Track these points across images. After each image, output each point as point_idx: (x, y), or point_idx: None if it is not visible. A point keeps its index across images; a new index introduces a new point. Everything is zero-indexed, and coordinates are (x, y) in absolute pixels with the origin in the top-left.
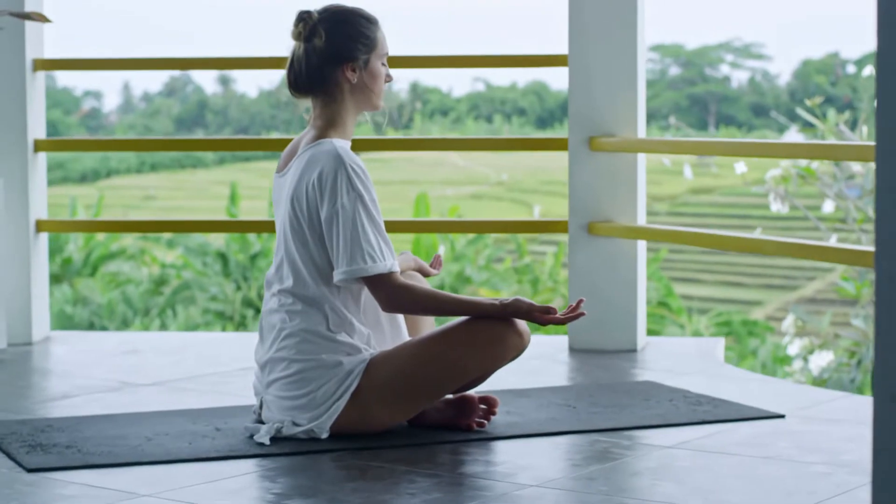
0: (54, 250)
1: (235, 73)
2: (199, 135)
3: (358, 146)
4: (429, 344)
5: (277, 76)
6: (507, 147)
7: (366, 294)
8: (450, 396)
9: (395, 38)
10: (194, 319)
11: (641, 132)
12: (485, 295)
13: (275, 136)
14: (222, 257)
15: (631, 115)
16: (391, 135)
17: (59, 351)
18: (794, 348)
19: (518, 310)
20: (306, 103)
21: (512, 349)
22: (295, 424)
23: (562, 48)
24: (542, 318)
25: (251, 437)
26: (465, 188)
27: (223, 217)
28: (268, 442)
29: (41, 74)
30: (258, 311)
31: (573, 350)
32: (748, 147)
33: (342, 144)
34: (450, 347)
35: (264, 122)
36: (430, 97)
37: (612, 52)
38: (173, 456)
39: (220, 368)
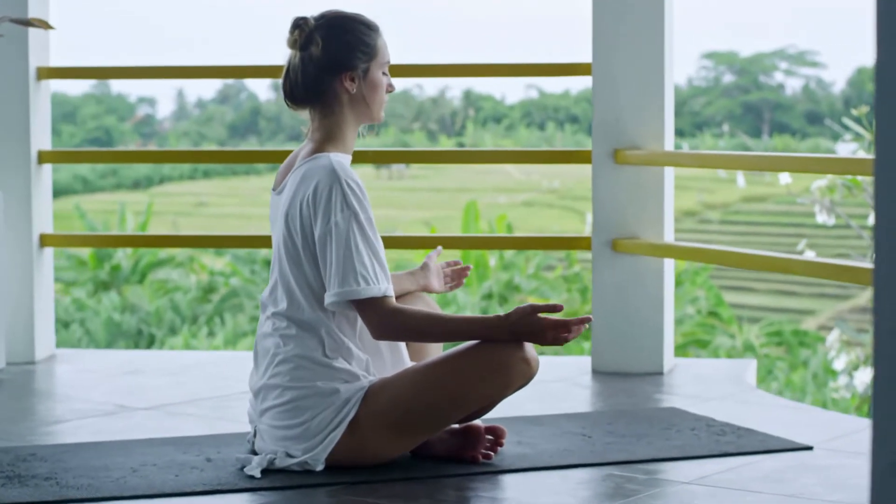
0: (103, 257)
1: None
2: (252, 141)
3: (361, 157)
4: (430, 371)
5: None
6: (527, 160)
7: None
8: (455, 426)
9: (394, 44)
10: (242, 327)
11: (669, 145)
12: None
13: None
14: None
15: (658, 127)
16: (443, 142)
17: (60, 371)
18: (840, 363)
19: (522, 314)
20: (305, 115)
21: (519, 377)
22: (288, 456)
23: (585, 56)
24: (547, 320)
25: (242, 468)
26: (517, 196)
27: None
28: (258, 475)
29: (46, 83)
30: None
31: (596, 373)
32: (777, 161)
33: (339, 159)
34: (452, 375)
35: None
36: (483, 104)
37: (638, 60)
38: (157, 490)
39: (222, 391)
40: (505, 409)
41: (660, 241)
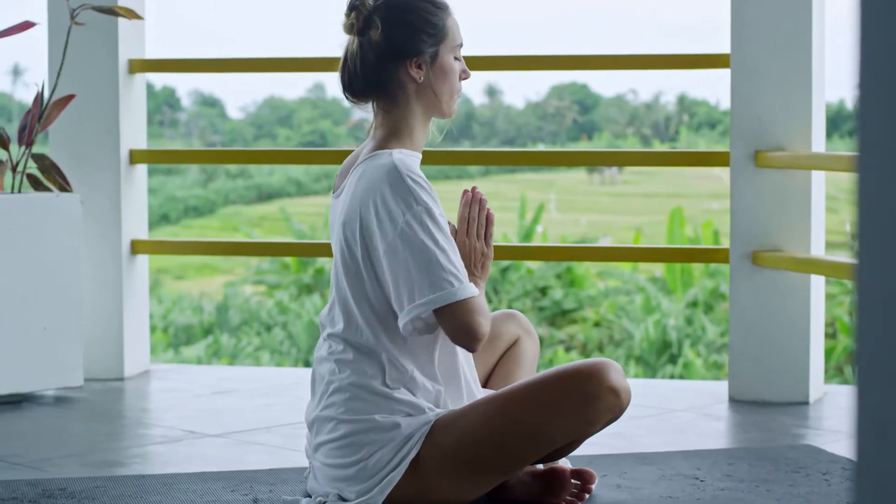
0: (307, 260)
1: (503, 85)
2: (466, 145)
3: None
4: (503, 403)
5: (545, 87)
6: (662, 162)
7: (442, 340)
8: (539, 466)
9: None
10: None
11: (818, 146)
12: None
13: (540, 147)
14: None
15: (804, 126)
16: (657, 146)
17: (145, 390)
18: None
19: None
20: (367, 109)
21: (605, 411)
22: (341, 499)
23: (722, 47)
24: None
25: None
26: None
27: None
28: None
29: (140, 77)
30: None
31: (733, 401)
32: None
33: (401, 156)
34: (528, 409)
35: (531, 133)
36: (698, 109)
37: (783, 49)
38: None
39: None
40: (614, 443)
41: (805, 255)
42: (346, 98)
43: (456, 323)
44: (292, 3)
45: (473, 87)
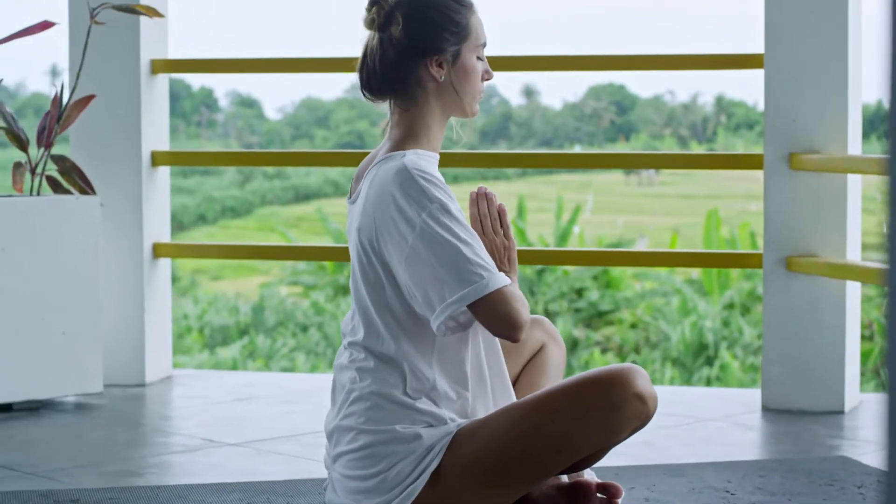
0: (344, 263)
1: (541, 86)
2: (503, 146)
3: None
4: (526, 412)
5: (582, 88)
6: (690, 164)
7: (472, 341)
8: (564, 478)
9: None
10: None
11: (854, 148)
12: None
13: (577, 148)
14: None
15: (840, 128)
16: (693, 148)
17: (166, 396)
18: None
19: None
20: (384, 108)
21: (631, 419)
22: None
23: (755, 47)
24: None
25: None
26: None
27: None
28: None
29: (162, 77)
30: None
31: (766, 410)
32: None
33: (414, 157)
34: (551, 417)
35: (568, 134)
36: (735, 111)
37: (819, 48)
38: None
39: None
40: (642, 453)
41: (841, 261)
42: (364, 95)
43: (493, 315)
44: (292, 4)
45: (510, 88)
